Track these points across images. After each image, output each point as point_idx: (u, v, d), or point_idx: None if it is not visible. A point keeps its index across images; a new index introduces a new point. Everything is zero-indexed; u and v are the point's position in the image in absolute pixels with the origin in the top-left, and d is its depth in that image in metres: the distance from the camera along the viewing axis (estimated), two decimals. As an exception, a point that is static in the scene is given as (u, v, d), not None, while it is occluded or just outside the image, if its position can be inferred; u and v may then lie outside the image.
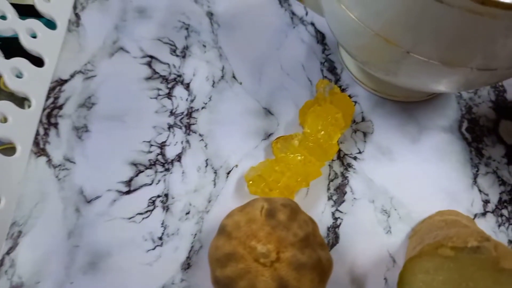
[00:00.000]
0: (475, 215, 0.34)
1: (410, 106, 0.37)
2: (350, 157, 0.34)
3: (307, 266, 0.24)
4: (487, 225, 0.33)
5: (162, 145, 0.33)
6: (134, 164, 0.32)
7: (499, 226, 0.34)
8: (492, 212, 0.34)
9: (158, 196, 0.32)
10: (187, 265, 0.30)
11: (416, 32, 0.25)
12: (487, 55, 0.25)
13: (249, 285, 0.24)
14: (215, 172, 0.33)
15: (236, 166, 0.33)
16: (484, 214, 0.34)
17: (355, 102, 0.36)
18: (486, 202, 0.34)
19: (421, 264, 0.26)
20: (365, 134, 0.35)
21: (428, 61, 0.26)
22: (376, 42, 0.27)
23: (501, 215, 0.34)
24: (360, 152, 0.35)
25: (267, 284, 0.23)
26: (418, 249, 0.27)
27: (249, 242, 0.24)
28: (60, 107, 0.34)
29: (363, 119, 0.36)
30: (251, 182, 0.31)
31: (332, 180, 0.33)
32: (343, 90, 0.37)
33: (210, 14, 0.39)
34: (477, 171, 0.35)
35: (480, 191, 0.35)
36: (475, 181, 0.35)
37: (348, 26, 0.28)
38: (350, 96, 0.37)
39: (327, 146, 0.32)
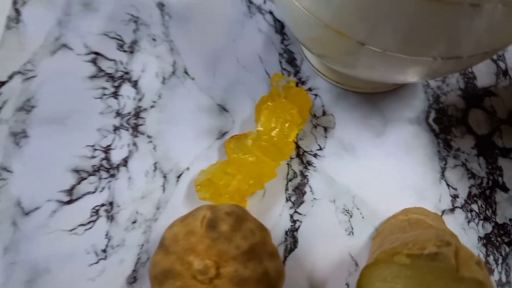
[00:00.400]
0: (443, 212, 0.32)
1: (375, 97, 0.35)
2: (310, 154, 0.32)
3: (251, 281, 0.22)
4: (456, 221, 0.32)
5: (107, 149, 0.31)
6: (76, 171, 0.30)
7: (469, 222, 0.32)
8: (461, 207, 0.32)
9: (102, 205, 0.29)
10: (133, 279, 0.28)
11: (368, 22, 0.22)
12: (450, 43, 0.23)
13: (187, 304, 0.22)
14: (165, 177, 0.31)
15: (188, 169, 0.31)
16: (452, 210, 0.32)
17: (316, 95, 0.34)
18: (454, 197, 0.32)
19: (378, 271, 0.24)
20: (326, 129, 0.33)
21: (384, 52, 0.24)
22: (327, 34, 0.24)
23: (471, 210, 0.32)
24: (320, 149, 0.33)
25: (206, 303, 0.22)
26: (376, 254, 0.26)
27: (187, 258, 0.22)
28: (-3, 112, 0.31)
29: (324, 113, 0.34)
30: (199, 187, 0.29)
31: (290, 180, 0.31)
32: (303, 83, 0.35)
33: (161, 5, 0.37)
34: (445, 164, 0.33)
35: (448, 185, 0.33)
36: (443, 175, 0.33)
37: (299, 18, 0.26)
38: (310, 89, 0.34)
39: (282, 145, 0.30)
